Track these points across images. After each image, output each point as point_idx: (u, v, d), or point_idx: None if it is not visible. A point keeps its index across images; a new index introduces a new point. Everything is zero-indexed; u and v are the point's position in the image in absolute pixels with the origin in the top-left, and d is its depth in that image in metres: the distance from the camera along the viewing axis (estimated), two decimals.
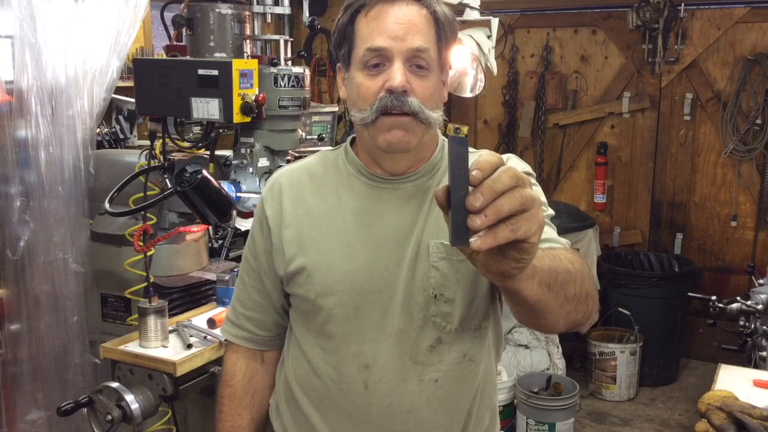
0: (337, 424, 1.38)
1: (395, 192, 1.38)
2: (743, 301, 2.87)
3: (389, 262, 1.34)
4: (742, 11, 4.60)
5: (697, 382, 4.65)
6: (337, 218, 1.38)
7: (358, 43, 1.32)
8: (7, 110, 2.49)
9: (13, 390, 2.62)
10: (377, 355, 1.34)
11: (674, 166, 4.95)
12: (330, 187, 1.42)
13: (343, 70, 1.39)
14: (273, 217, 1.42)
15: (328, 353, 1.37)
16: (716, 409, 1.87)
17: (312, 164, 1.48)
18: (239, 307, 1.52)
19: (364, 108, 1.30)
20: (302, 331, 1.43)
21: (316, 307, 1.36)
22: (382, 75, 1.29)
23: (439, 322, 1.34)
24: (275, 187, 1.46)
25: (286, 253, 1.40)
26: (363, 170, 1.40)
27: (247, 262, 1.50)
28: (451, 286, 1.33)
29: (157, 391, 1.95)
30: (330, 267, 1.35)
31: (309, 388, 1.40)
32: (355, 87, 1.32)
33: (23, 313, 2.60)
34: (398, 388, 1.34)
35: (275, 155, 2.51)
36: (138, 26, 2.69)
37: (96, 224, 2.62)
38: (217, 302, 2.41)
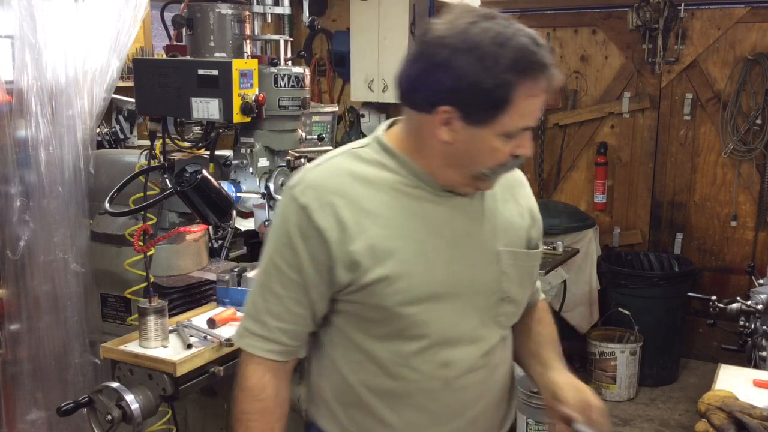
0: (414, 419, 1.43)
1: (455, 201, 1.41)
2: (743, 301, 2.87)
3: (461, 267, 1.40)
4: (742, 11, 4.59)
5: (697, 382, 4.64)
6: (410, 226, 1.37)
7: (513, 115, 1.27)
8: (7, 110, 2.49)
9: (13, 390, 2.62)
10: (455, 354, 1.42)
11: (674, 166, 4.94)
12: (389, 193, 1.38)
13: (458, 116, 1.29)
14: (330, 229, 1.34)
15: (404, 357, 1.40)
16: (716, 409, 1.86)
17: (350, 167, 1.41)
18: (272, 321, 1.41)
19: (492, 167, 1.34)
20: (365, 338, 1.41)
21: (396, 314, 1.36)
22: (513, 141, 1.31)
23: (504, 321, 1.49)
24: (322, 195, 1.36)
25: (361, 265, 1.34)
26: (425, 178, 1.39)
27: (282, 275, 1.39)
28: (515, 289, 1.47)
29: (157, 391, 1.95)
30: (411, 275, 1.36)
31: (381, 391, 1.42)
32: (489, 150, 1.32)
33: (23, 313, 2.60)
34: (472, 380, 1.45)
35: (275, 155, 2.51)
36: (138, 26, 2.70)
37: (96, 224, 2.62)
38: (217, 302, 2.41)
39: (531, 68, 1.25)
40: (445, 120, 1.30)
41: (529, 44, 1.26)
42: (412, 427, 1.44)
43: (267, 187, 2.46)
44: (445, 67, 1.25)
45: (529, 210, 1.54)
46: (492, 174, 1.36)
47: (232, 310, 2.27)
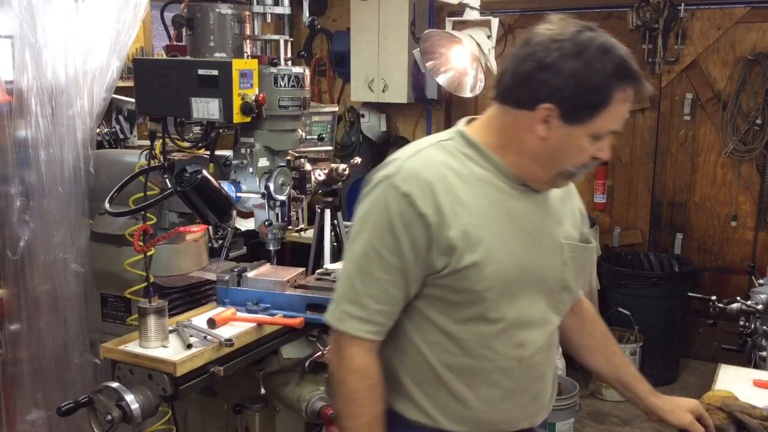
0: (488, 394, 1.56)
1: (526, 194, 1.55)
2: (743, 301, 2.87)
3: (537, 257, 1.54)
4: (742, 11, 4.60)
5: (697, 382, 4.64)
6: (494, 216, 1.50)
7: (605, 117, 1.43)
8: (7, 110, 2.49)
9: (13, 390, 2.63)
10: (528, 335, 1.56)
11: (674, 166, 4.94)
12: (475, 184, 1.51)
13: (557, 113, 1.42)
14: (431, 215, 1.45)
15: (484, 337, 1.53)
16: (716, 409, 1.87)
17: (442, 158, 1.52)
18: (372, 303, 1.50)
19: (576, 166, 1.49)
20: (446, 320, 1.53)
21: (481, 297, 1.49)
22: (597, 143, 1.47)
23: (561, 308, 1.64)
24: (423, 183, 1.46)
25: (456, 251, 1.45)
26: (506, 171, 1.52)
27: (382, 259, 1.48)
28: (574, 279, 1.63)
29: (157, 391, 1.94)
30: (496, 262, 1.48)
31: (459, 368, 1.54)
32: (577, 148, 1.46)
33: (23, 313, 2.60)
34: (540, 359, 1.61)
35: (275, 155, 2.51)
36: (138, 26, 2.70)
37: (96, 224, 2.62)
38: (217, 302, 2.41)
39: (629, 76, 1.42)
40: (545, 117, 1.43)
41: (627, 55, 1.43)
42: (485, 401, 1.56)
43: (267, 187, 2.46)
44: (554, 68, 1.40)
45: (579, 207, 1.71)
46: (575, 172, 1.51)
47: (232, 310, 2.27)
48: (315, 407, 2.20)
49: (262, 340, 2.20)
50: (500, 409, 1.58)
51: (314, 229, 3.87)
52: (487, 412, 1.57)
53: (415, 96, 5.21)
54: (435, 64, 3.58)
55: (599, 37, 1.42)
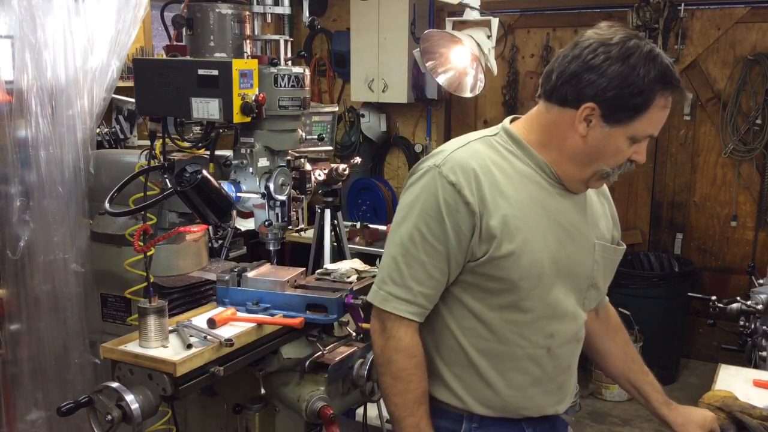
0: (516, 380, 1.63)
1: (563, 193, 1.62)
2: (743, 301, 2.87)
3: (570, 253, 1.61)
4: (742, 11, 4.60)
5: (697, 382, 4.65)
6: (532, 210, 1.57)
7: (644, 122, 1.50)
8: (7, 110, 2.49)
9: (13, 390, 2.63)
10: (559, 327, 1.63)
11: (674, 166, 4.95)
12: (516, 178, 1.58)
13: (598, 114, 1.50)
14: (475, 203, 1.53)
15: (517, 325, 1.59)
16: (716, 409, 1.87)
17: (486, 152, 1.60)
18: (416, 285, 1.58)
19: (612, 166, 1.56)
20: (481, 306, 1.60)
21: (516, 286, 1.56)
22: (634, 146, 1.54)
23: (587, 305, 1.71)
24: (469, 174, 1.54)
25: (497, 238, 1.53)
26: (548, 170, 1.60)
27: (427, 244, 1.56)
28: (601, 278, 1.70)
29: (157, 391, 1.94)
30: (533, 253, 1.55)
31: (489, 353, 1.61)
32: (615, 149, 1.53)
33: (23, 313, 2.60)
34: (567, 350, 1.68)
35: (275, 155, 2.51)
36: (138, 26, 2.70)
37: (96, 224, 2.62)
38: (217, 302, 2.41)
39: (671, 84, 1.49)
40: (587, 115, 1.51)
41: (670, 65, 1.50)
42: (513, 387, 1.63)
43: (267, 187, 2.46)
44: (600, 69, 1.48)
45: (611, 211, 1.77)
46: (611, 173, 1.57)
47: (232, 310, 2.26)
48: (315, 407, 2.20)
49: (262, 340, 2.20)
50: (527, 395, 1.64)
51: (314, 229, 3.87)
52: (515, 397, 1.63)
53: (415, 96, 5.22)
54: (435, 64, 3.58)
55: (646, 45, 1.49)
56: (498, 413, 1.65)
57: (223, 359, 2.06)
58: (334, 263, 2.67)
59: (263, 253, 2.69)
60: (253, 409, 2.34)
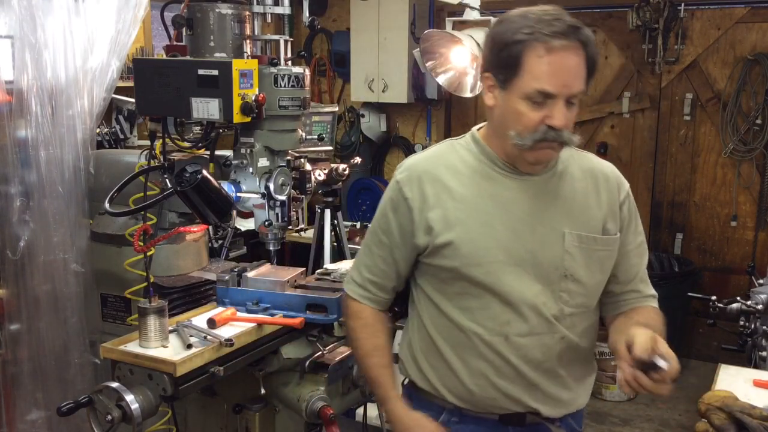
0: (480, 369, 1.65)
1: (526, 183, 1.63)
2: (743, 301, 2.87)
3: (525, 241, 1.60)
4: (742, 11, 4.60)
5: (697, 382, 4.64)
6: (478, 201, 1.62)
7: (527, 77, 1.48)
8: (7, 110, 2.49)
9: (13, 390, 2.63)
10: (516, 314, 1.62)
11: (674, 166, 4.95)
12: (468, 174, 1.65)
13: (494, 81, 1.56)
14: (414, 199, 1.65)
15: (471, 312, 1.64)
16: (716, 409, 1.87)
17: (443, 153, 1.71)
18: (365, 272, 1.78)
19: (524, 134, 1.52)
20: (439, 296, 1.68)
21: (462, 275, 1.62)
22: (544, 110, 1.50)
23: (565, 297, 1.64)
24: (413, 173, 1.67)
25: (434, 230, 1.63)
26: (498, 162, 1.64)
27: (376, 236, 1.75)
28: (580, 270, 1.63)
29: (157, 391, 1.94)
30: (475, 242, 1.60)
31: (452, 341, 1.67)
32: (516, 113, 1.53)
33: (23, 313, 2.60)
34: (533, 341, 1.63)
35: (275, 155, 2.51)
36: (138, 26, 2.70)
37: (96, 224, 2.62)
38: (217, 302, 2.41)
39: (540, 32, 1.45)
40: (488, 86, 1.58)
41: (548, 17, 1.47)
42: (474, 374, 1.65)
43: (267, 187, 2.46)
44: (488, 38, 1.56)
45: (609, 203, 1.68)
46: (526, 143, 1.52)
47: (232, 310, 2.26)
48: (315, 407, 2.20)
49: (262, 340, 2.20)
50: (495, 385, 1.65)
51: (314, 229, 3.87)
52: (479, 386, 1.66)
53: (415, 96, 5.22)
54: (435, 64, 3.58)
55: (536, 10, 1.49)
56: (470, 406, 1.68)
57: (223, 359, 2.06)
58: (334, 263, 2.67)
59: (263, 253, 2.69)
60: (253, 409, 2.34)
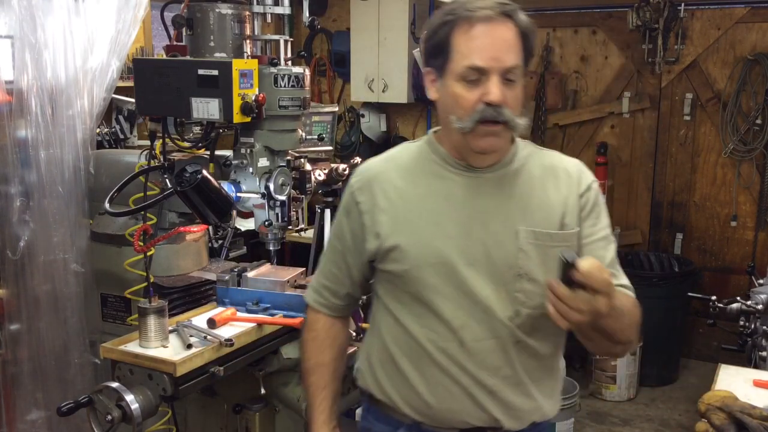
0: (436, 378, 1.58)
1: (478, 180, 1.57)
2: (743, 301, 2.87)
3: (477, 240, 1.54)
4: (742, 11, 4.60)
5: (697, 382, 4.64)
6: (429, 202, 1.58)
7: (456, 57, 1.47)
8: (7, 110, 2.49)
9: (13, 390, 2.62)
10: (470, 318, 1.55)
11: (674, 166, 4.95)
12: (418, 174, 1.61)
13: (434, 74, 1.55)
14: (364, 203, 1.61)
15: (424, 318, 1.57)
16: (716, 409, 1.87)
17: (397, 156, 1.68)
18: (321, 278, 1.75)
19: (463, 117, 1.48)
20: (394, 303, 1.62)
21: (412, 279, 1.56)
22: (480, 88, 1.46)
23: (521, 297, 1.55)
24: (364, 177, 1.65)
25: (381, 234, 1.58)
26: (450, 160, 1.59)
27: (331, 242, 1.72)
28: (536, 269, 1.54)
29: (157, 391, 1.95)
30: (424, 244, 1.55)
31: (407, 350, 1.60)
32: (453, 97, 1.49)
33: (23, 313, 2.60)
34: (489, 346, 1.56)
35: (275, 155, 2.51)
36: (138, 26, 2.70)
37: (96, 224, 2.62)
38: (217, 302, 2.41)
39: (463, 10, 1.47)
40: (430, 80, 1.57)
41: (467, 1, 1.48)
42: (433, 385, 1.58)
43: (267, 187, 2.46)
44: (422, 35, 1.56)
45: (568, 197, 1.62)
46: (467, 124, 1.47)
47: (232, 310, 2.27)
48: None
49: (262, 340, 2.20)
50: (452, 395, 1.57)
51: (314, 229, 3.87)
52: (437, 397, 1.58)
53: (415, 96, 5.21)
54: None
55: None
56: (429, 420, 1.60)
57: (223, 359, 2.06)
58: None
59: (263, 253, 2.69)
60: (253, 409, 2.34)
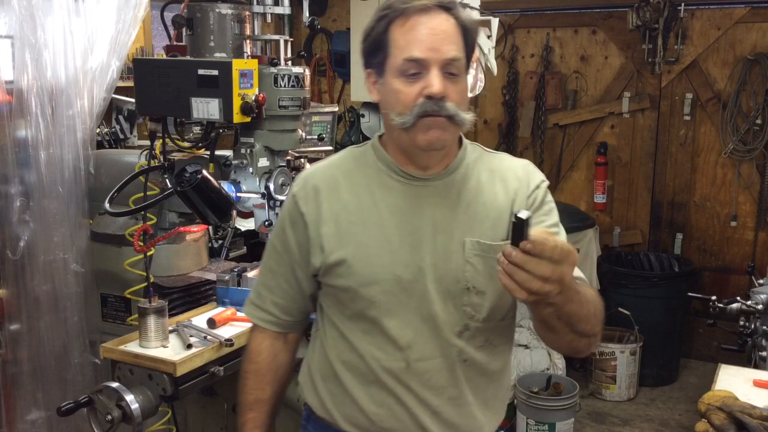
0: (380, 397, 1.51)
1: (426, 189, 1.50)
2: (743, 301, 2.87)
3: (424, 253, 1.47)
4: (742, 11, 4.60)
5: (697, 382, 4.64)
6: (374, 213, 1.49)
7: (395, 52, 1.42)
8: (7, 110, 2.49)
9: (13, 390, 2.62)
10: (416, 336, 1.48)
11: (674, 166, 4.94)
12: (363, 184, 1.52)
13: (374, 74, 1.49)
14: (309, 214, 1.52)
15: (370, 335, 1.50)
16: (716, 409, 1.87)
17: (341, 162, 1.58)
18: (266, 292, 1.63)
19: (404, 113, 1.41)
20: (340, 317, 1.55)
21: (358, 295, 1.49)
22: (420, 82, 1.40)
23: (469, 311, 1.49)
24: (308, 185, 1.55)
25: (325, 247, 1.50)
26: (395, 168, 1.51)
27: (276, 252, 1.60)
28: (483, 281, 1.48)
29: (157, 391, 1.95)
30: (370, 258, 1.47)
31: (351, 366, 1.53)
32: (393, 93, 1.43)
33: (23, 313, 2.60)
34: (435, 366, 1.49)
35: (275, 155, 2.51)
36: (138, 26, 2.69)
37: (96, 224, 2.62)
38: (217, 302, 2.41)
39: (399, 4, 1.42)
40: (372, 82, 1.50)
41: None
42: (377, 404, 1.52)
43: (267, 187, 2.46)
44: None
45: (513, 199, 1.52)
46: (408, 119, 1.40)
47: (232, 310, 2.27)
48: None
49: None
50: (395, 415, 1.51)
51: None
52: (380, 416, 1.52)
53: None
54: None
55: None
56: None
57: (223, 359, 2.07)
58: None
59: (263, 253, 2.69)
60: None
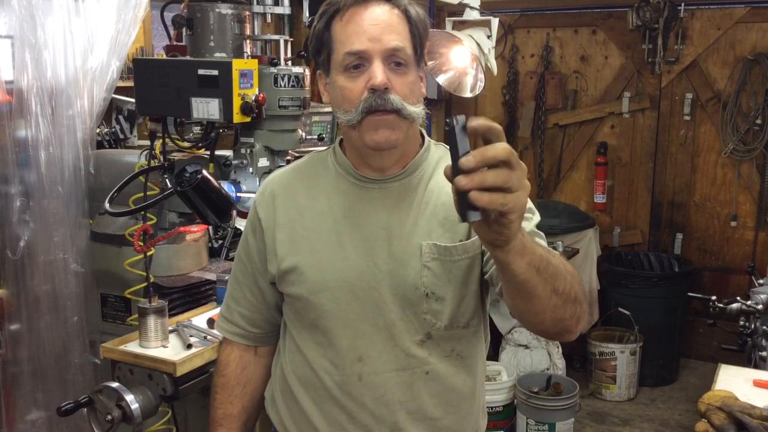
0: (333, 414, 1.44)
1: (383, 192, 1.44)
2: (743, 301, 2.87)
3: (380, 259, 1.40)
4: (742, 11, 4.60)
5: (697, 382, 4.65)
6: (328, 218, 1.44)
7: (336, 47, 1.37)
8: (7, 110, 2.49)
9: (13, 390, 2.62)
10: (370, 348, 1.41)
11: (674, 166, 4.95)
12: (320, 188, 1.47)
13: (323, 75, 1.44)
14: (266, 219, 1.49)
15: (323, 347, 1.44)
16: (716, 409, 1.87)
17: (303, 166, 1.55)
18: (233, 304, 1.59)
19: (349, 109, 1.35)
20: (296, 327, 1.49)
21: (310, 303, 1.43)
22: (363, 76, 1.34)
23: (430, 319, 1.41)
24: (267, 190, 1.52)
25: (278, 254, 1.46)
26: (351, 171, 1.45)
27: (241, 262, 1.56)
28: (442, 285, 1.39)
29: (157, 391, 1.95)
30: (322, 265, 1.42)
31: (305, 381, 1.47)
32: (338, 90, 1.37)
33: (23, 313, 2.60)
34: (391, 379, 1.41)
35: (275, 155, 2.51)
36: (138, 26, 2.69)
37: (96, 224, 2.62)
38: (217, 302, 2.41)
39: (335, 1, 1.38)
40: (323, 84, 1.45)
41: None
42: (330, 423, 1.45)
43: None
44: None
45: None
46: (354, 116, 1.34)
47: None
48: None
49: None
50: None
51: None
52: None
53: None
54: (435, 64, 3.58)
55: None
56: None
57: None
58: None
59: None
60: None
